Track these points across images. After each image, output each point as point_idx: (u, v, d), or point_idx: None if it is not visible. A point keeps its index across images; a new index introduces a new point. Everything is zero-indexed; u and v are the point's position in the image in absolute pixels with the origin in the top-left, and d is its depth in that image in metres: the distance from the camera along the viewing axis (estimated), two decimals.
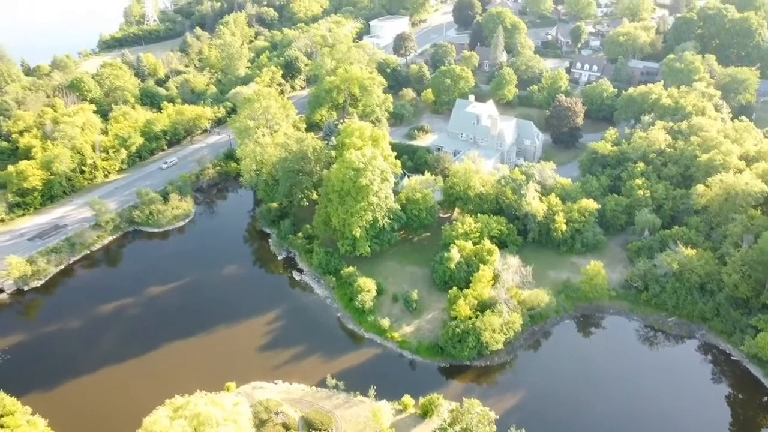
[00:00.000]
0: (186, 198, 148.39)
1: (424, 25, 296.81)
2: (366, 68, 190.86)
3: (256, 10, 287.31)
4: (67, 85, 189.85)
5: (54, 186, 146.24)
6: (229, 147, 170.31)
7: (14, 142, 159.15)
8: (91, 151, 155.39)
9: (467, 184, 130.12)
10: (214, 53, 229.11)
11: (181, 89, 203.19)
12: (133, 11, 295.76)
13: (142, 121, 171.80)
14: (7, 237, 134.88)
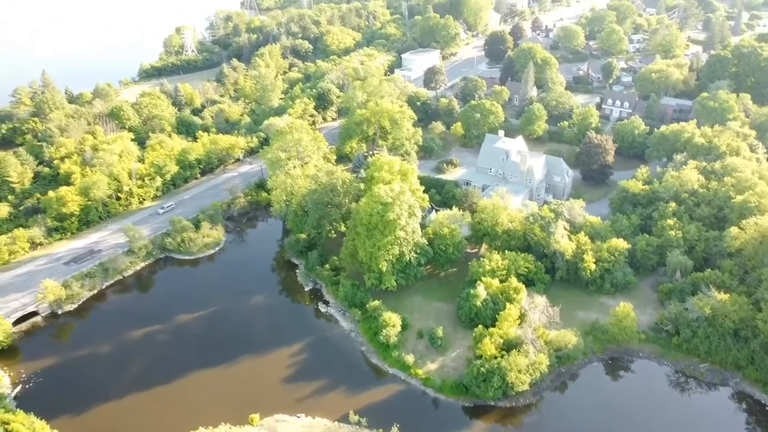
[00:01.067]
0: (217, 226, 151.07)
1: (454, 59, 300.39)
2: (396, 101, 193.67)
3: (291, 43, 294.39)
4: (108, 113, 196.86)
5: (91, 211, 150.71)
6: (261, 177, 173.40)
7: (56, 168, 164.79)
8: (128, 178, 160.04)
9: (495, 220, 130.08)
10: (249, 84, 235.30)
11: (216, 119, 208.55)
12: (173, 42, 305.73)
13: (178, 149, 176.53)
14: (44, 260, 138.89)
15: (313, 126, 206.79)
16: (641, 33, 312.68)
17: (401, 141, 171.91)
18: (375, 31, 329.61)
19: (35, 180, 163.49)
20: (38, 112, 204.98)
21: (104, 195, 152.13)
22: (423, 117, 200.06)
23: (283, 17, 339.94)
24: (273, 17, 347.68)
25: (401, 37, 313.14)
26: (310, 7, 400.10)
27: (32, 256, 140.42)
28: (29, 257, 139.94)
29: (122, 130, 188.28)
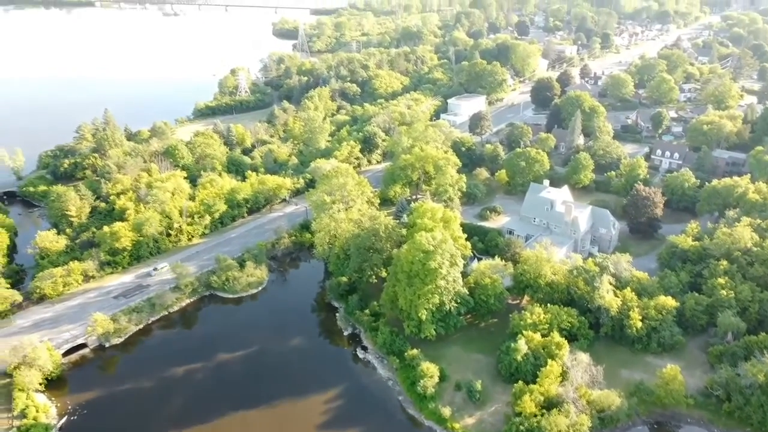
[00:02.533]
0: (261, 266, 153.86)
1: (500, 104, 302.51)
2: (441, 147, 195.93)
3: (340, 86, 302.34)
4: (163, 152, 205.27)
5: (142, 247, 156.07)
6: (305, 218, 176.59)
7: (112, 204, 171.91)
8: (179, 215, 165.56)
9: (538, 272, 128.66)
10: (298, 125, 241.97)
11: (265, 159, 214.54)
12: (228, 83, 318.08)
13: (227, 188, 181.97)
14: (95, 293, 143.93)
15: (358, 168, 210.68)
16: (693, 82, 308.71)
17: (445, 187, 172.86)
18: (422, 75, 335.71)
19: (92, 214, 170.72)
20: (99, 148, 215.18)
21: (155, 231, 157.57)
22: (467, 162, 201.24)
23: (333, 60, 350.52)
24: (323, 60, 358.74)
25: (448, 82, 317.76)
26: (360, 50, 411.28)
27: (85, 289, 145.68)
28: (82, 289, 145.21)
29: (176, 168, 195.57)
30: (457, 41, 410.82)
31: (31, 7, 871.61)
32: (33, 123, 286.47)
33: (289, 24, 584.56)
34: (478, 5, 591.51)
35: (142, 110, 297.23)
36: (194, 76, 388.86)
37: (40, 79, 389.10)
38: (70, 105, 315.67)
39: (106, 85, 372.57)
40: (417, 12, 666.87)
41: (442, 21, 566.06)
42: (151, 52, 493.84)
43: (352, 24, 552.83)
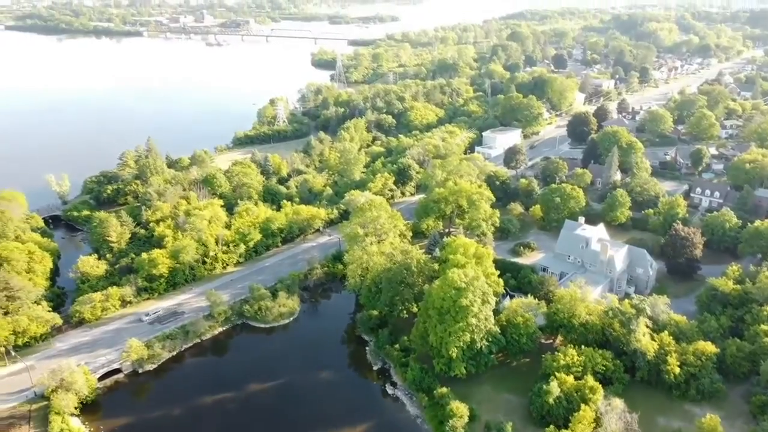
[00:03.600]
0: (293, 296, 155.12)
1: (536, 138, 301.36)
2: (475, 181, 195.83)
3: (376, 117, 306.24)
4: (201, 180, 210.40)
5: (178, 274, 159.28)
6: (338, 249, 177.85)
7: (151, 231, 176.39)
8: (214, 244, 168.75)
9: (572, 312, 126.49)
10: (334, 156, 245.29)
11: (300, 188, 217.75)
12: (266, 112, 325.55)
13: (262, 218, 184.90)
14: (131, 319, 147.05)
15: (391, 200, 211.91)
16: (735, 118, 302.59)
17: (478, 221, 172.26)
18: (458, 107, 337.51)
19: (132, 240, 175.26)
20: (141, 175, 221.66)
21: (192, 259, 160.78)
22: (501, 196, 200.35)
23: (370, 92, 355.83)
24: (360, 92, 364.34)
25: (483, 114, 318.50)
26: (396, 82, 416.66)
27: (122, 314, 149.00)
28: (119, 314, 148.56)
29: (213, 197, 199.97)
30: (493, 74, 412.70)
31: (83, 37, 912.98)
32: (80, 148, 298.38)
33: (328, 55, 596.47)
34: (515, 38, 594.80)
35: (184, 137, 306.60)
36: (235, 104, 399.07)
37: (90, 106, 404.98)
38: (116, 132, 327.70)
39: (151, 112, 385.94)
40: (453, 44, 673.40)
41: (478, 53, 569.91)
42: (195, 80, 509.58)
43: (389, 55, 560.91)
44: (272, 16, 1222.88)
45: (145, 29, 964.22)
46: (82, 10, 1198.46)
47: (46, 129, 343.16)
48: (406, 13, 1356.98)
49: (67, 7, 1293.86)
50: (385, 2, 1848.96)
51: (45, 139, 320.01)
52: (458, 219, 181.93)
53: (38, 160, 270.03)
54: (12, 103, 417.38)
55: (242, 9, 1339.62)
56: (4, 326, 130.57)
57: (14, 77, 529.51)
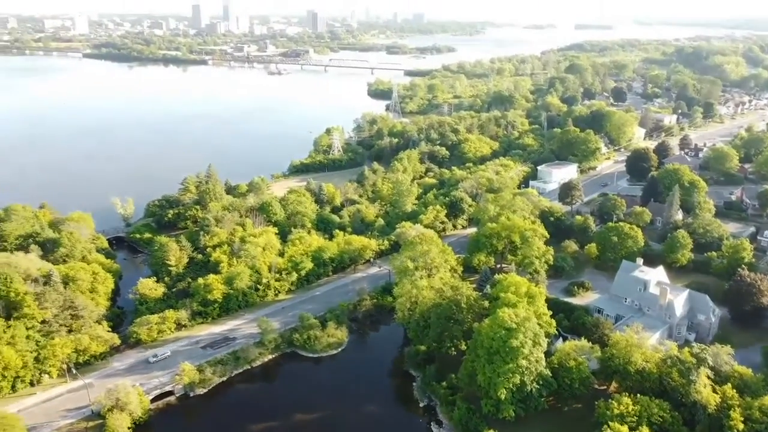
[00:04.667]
0: (341, 327, 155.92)
1: (593, 173, 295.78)
2: (529, 216, 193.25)
3: (429, 148, 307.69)
4: (258, 207, 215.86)
5: (231, 300, 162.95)
6: (388, 280, 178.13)
7: (207, 256, 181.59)
8: (267, 271, 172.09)
9: (627, 358, 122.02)
10: (387, 187, 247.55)
11: (352, 218, 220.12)
12: (322, 141, 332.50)
13: (315, 246, 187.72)
14: (185, 342, 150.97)
15: (442, 233, 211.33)
16: None
17: (531, 259, 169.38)
18: (512, 140, 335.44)
19: (189, 265, 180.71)
20: (201, 200, 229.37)
21: (245, 286, 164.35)
22: (555, 233, 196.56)
23: (424, 123, 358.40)
24: (415, 123, 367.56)
25: (538, 148, 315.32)
26: (451, 113, 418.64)
27: (176, 337, 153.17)
28: (173, 337, 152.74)
29: (268, 224, 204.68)
30: (550, 106, 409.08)
31: (152, 65, 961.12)
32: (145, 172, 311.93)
33: (384, 85, 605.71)
34: (573, 70, 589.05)
35: (243, 163, 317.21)
36: (293, 132, 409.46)
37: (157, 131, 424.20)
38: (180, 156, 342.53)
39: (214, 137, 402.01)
40: (510, 75, 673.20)
41: (535, 85, 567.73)
42: (255, 108, 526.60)
43: (444, 86, 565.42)
44: (331, 46, 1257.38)
45: (211, 58, 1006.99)
46: (153, 39, 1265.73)
47: (116, 152, 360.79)
48: (463, 44, 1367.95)
49: (139, 36, 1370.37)
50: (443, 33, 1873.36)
51: (114, 162, 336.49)
52: (510, 255, 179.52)
53: (107, 182, 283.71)
54: (85, 127, 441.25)
55: (303, 39, 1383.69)
56: (67, 344, 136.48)
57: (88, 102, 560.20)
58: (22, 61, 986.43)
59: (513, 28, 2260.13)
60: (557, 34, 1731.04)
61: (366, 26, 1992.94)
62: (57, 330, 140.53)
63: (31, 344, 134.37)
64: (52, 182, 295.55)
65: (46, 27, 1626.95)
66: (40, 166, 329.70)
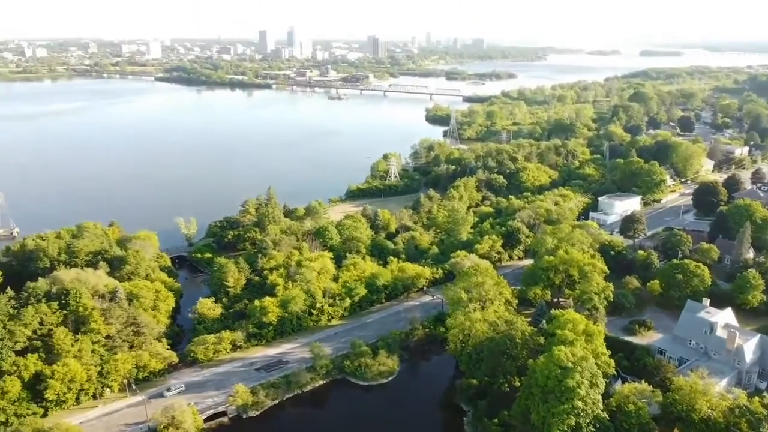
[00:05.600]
0: (393, 355, 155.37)
1: (657, 205, 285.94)
2: (588, 250, 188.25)
3: (486, 176, 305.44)
4: (314, 232, 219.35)
5: (286, 323, 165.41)
6: (441, 310, 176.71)
7: (264, 278, 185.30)
8: (321, 296, 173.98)
9: (692, 405, 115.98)
10: (442, 214, 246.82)
11: (407, 245, 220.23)
12: (379, 166, 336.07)
13: (369, 273, 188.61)
14: (240, 364, 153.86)
15: (498, 263, 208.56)
16: None
17: (589, 294, 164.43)
18: (572, 170, 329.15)
19: (246, 287, 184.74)
20: (260, 222, 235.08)
21: (299, 310, 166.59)
22: (616, 268, 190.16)
23: (482, 150, 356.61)
24: (472, 150, 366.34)
25: (600, 178, 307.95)
26: (509, 140, 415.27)
27: (231, 357, 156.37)
28: (228, 358, 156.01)
29: (324, 249, 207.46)
30: (613, 136, 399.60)
31: (219, 88, 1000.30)
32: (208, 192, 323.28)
33: (442, 111, 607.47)
34: (638, 98, 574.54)
35: (302, 185, 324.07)
36: (351, 156, 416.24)
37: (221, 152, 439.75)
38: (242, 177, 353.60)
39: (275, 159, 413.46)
40: (571, 103, 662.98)
41: (597, 113, 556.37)
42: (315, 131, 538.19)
43: (503, 113, 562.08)
44: (391, 71, 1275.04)
45: (274, 82, 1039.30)
46: (221, 63, 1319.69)
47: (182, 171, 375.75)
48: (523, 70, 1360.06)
49: (208, 60, 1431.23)
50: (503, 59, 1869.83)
51: (180, 181, 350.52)
52: (568, 290, 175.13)
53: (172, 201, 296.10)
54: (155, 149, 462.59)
55: (363, 64, 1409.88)
56: (129, 359, 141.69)
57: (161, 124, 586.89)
58: (100, 84, 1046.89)
59: (575, 55, 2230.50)
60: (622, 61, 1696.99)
61: (426, 52, 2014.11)
62: (120, 345, 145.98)
63: (95, 358, 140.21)
64: (122, 200, 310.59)
65: (123, 52, 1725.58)
66: (113, 184, 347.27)
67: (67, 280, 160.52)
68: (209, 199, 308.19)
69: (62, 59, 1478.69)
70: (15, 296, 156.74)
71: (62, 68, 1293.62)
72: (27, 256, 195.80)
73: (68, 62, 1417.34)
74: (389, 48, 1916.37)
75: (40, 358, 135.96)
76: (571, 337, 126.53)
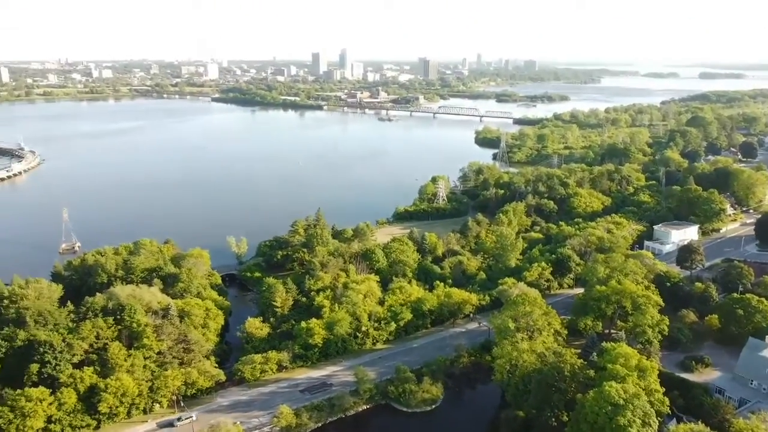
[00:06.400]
0: (437, 383, 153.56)
1: (716, 235, 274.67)
2: (642, 281, 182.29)
3: (536, 201, 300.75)
4: (361, 254, 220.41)
5: (331, 346, 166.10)
6: (487, 338, 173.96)
7: (311, 300, 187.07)
8: (367, 319, 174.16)
9: None
10: (490, 239, 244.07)
11: (453, 270, 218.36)
12: (427, 189, 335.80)
13: (414, 297, 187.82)
14: (285, 384, 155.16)
15: (547, 291, 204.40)
16: None
17: (643, 327, 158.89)
18: (626, 196, 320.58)
19: (293, 307, 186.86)
20: (308, 243, 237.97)
21: (345, 332, 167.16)
22: (671, 300, 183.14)
23: (532, 174, 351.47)
24: (522, 174, 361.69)
25: (655, 206, 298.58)
26: (560, 164, 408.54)
27: (277, 377, 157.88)
28: (274, 378, 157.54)
29: (371, 271, 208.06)
30: (669, 161, 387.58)
31: (273, 109, 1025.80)
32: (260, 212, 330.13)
33: (492, 133, 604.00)
34: (696, 123, 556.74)
35: (350, 207, 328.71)
36: (399, 178, 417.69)
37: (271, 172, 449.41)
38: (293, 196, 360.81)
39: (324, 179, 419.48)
40: (626, 126, 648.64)
41: (653, 138, 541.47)
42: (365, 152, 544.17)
43: (555, 136, 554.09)
44: (441, 93, 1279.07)
45: (326, 103, 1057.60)
46: (275, 84, 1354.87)
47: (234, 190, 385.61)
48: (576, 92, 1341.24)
49: (263, 82, 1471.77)
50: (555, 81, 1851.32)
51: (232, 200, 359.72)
52: (620, 321, 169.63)
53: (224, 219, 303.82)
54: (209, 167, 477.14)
55: (413, 86, 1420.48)
56: (178, 376, 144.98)
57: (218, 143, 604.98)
58: (160, 104, 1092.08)
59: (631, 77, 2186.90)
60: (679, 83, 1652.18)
61: (477, 73, 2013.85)
62: (170, 362, 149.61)
63: (147, 374, 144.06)
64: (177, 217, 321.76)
65: (182, 73, 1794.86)
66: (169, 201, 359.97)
67: (123, 296, 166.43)
68: (259, 217, 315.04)
69: (126, 80, 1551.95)
70: (74, 310, 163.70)
71: (125, 89, 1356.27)
72: (86, 271, 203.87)
73: (131, 83, 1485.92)
74: (440, 69, 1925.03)
75: (95, 371, 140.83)
76: (623, 372, 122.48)
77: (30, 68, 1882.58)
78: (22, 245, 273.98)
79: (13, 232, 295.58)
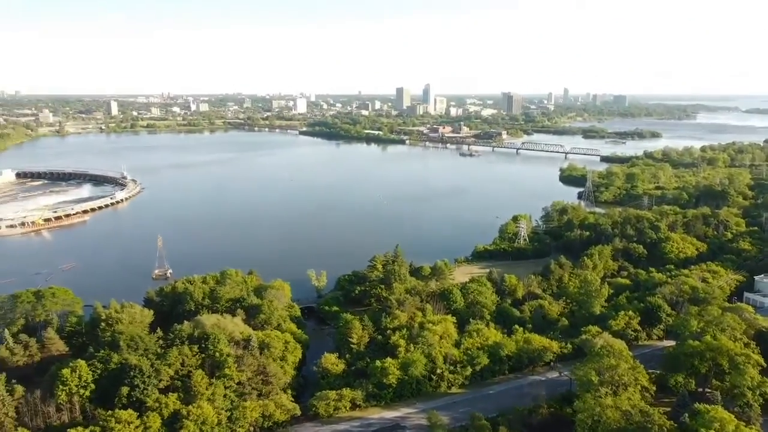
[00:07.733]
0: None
1: None
2: (741, 337, 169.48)
3: (624, 245, 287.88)
4: (438, 293, 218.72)
5: (405, 386, 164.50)
6: (569, 389, 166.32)
7: (387, 338, 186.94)
8: (442, 362, 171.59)
9: None
10: (574, 284, 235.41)
11: (534, 314, 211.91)
12: (508, 228, 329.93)
13: (492, 341, 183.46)
14: (358, 423, 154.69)
15: (634, 341, 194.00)
16: None
17: (742, 390, 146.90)
18: (724, 242, 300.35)
19: (369, 345, 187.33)
20: (386, 279, 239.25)
21: (420, 374, 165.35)
22: None
23: (620, 216, 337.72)
24: (609, 215, 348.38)
25: (757, 254, 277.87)
26: (651, 206, 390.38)
27: (350, 416, 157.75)
28: (347, 416, 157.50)
29: (447, 312, 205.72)
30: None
31: (356, 143, 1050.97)
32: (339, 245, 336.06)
33: (578, 171, 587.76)
34: None
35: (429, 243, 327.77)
36: (480, 215, 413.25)
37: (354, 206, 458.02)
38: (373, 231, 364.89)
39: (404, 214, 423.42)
40: (724, 166, 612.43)
41: (755, 179, 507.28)
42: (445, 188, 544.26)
43: (645, 175, 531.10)
44: (525, 128, 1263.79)
45: (408, 138, 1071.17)
46: (360, 118, 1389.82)
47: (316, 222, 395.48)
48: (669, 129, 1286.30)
49: (348, 116, 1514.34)
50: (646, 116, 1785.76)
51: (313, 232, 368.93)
52: (716, 381, 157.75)
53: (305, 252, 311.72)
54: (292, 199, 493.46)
55: (496, 121, 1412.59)
56: (256, 408, 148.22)
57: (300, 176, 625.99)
58: (251, 137, 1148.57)
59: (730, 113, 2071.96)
60: None
61: (562, 108, 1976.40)
62: (249, 393, 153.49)
63: (226, 403, 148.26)
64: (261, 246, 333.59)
65: (273, 107, 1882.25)
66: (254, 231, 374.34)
67: (209, 325, 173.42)
68: (340, 250, 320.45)
69: (220, 113, 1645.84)
70: (163, 336, 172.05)
71: (219, 121, 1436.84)
72: (176, 298, 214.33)
73: (225, 116, 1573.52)
74: (524, 104, 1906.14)
75: (179, 397, 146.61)
76: None
77: (136, 102, 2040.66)
78: (120, 269, 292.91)
79: (112, 256, 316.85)
